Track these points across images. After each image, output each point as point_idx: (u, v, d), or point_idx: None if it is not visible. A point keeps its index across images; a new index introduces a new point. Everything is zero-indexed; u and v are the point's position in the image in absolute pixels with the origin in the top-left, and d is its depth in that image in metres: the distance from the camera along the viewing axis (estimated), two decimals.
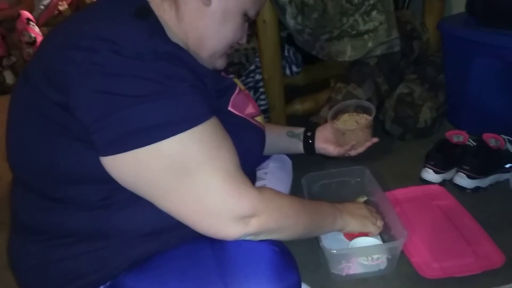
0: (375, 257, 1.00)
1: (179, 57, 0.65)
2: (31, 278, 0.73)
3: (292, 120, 1.65)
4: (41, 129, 0.65)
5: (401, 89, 1.64)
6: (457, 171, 1.32)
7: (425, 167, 1.35)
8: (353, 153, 1.10)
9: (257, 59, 1.64)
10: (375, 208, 1.10)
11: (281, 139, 1.14)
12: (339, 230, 0.94)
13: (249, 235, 0.67)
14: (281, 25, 1.57)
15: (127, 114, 0.59)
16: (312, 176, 1.23)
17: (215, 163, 0.63)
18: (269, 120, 1.67)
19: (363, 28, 1.57)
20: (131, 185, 0.64)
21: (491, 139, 1.33)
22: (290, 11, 1.51)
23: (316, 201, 0.90)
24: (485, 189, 1.31)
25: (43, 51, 0.67)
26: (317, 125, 1.18)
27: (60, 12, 3.36)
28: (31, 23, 3.08)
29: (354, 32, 1.57)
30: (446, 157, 1.33)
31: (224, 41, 0.77)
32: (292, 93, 1.72)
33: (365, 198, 1.19)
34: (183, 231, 0.68)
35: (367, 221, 0.99)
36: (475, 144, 1.37)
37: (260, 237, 0.70)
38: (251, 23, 0.83)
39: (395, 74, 1.69)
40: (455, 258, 1.04)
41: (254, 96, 1.66)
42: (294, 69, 1.70)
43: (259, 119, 0.92)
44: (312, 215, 0.82)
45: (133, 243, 0.69)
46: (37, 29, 3.10)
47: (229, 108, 0.82)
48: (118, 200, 0.67)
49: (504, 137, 1.33)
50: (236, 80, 0.98)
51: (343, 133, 1.08)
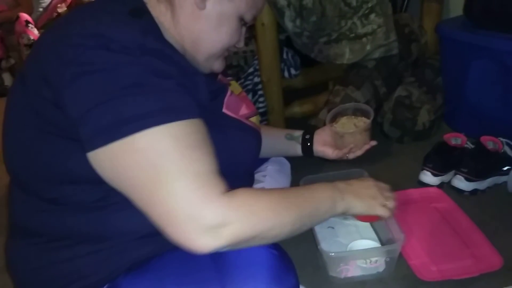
0: (373, 259, 1.00)
1: (168, 55, 0.65)
2: (29, 280, 0.73)
3: (291, 123, 1.65)
4: (36, 129, 0.65)
5: (399, 91, 1.64)
6: (455, 174, 1.32)
7: (423, 169, 1.35)
8: (351, 156, 1.10)
9: (255, 62, 1.65)
10: None
11: (279, 142, 1.14)
12: (342, 214, 0.82)
13: (224, 247, 0.61)
14: (280, 28, 1.57)
15: (105, 108, 0.58)
16: (311, 178, 1.23)
17: (185, 162, 0.59)
18: (267, 122, 1.67)
19: (361, 31, 1.57)
20: (112, 182, 0.62)
21: (489, 142, 1.33)
22: (288, 14, 1.51)
23: (310, 186, 0.79)
24: (483, 191, 1.31)
25: (38, 50, 0.68)
26: (315, 127, 1.18)
27: (59, 14, 3.36)
28: (29, 25, 3.08)
29: (353, 35, 1.58)
30: (444, 159, 1.34)
31: (219, 45, 0.77)
32: (290, 95, 1.72)
33: None
34: None
35: (375, 202, 0.85)
36: (473, 146, 1.37)
37: (239, 246, 0.63)
38: (249, 26, 0.83)
39: (393, 76, 1.69)
40: (453, 261, 1.04)
41: (252, 99, 1.66)
42: (293, 71, 1.70)
43: (254, 119, 0.92)
44: (300, 207, 0.72)
45: (131, 245, 0.69)
46: (36, 31, 3.10)
47: (224, 110, 0.82)
48: (114, 201, 0.66)
49: (502, 139, 1.33)
50: (234, 83, 0.98)
51: (342, 136, 1.08)
